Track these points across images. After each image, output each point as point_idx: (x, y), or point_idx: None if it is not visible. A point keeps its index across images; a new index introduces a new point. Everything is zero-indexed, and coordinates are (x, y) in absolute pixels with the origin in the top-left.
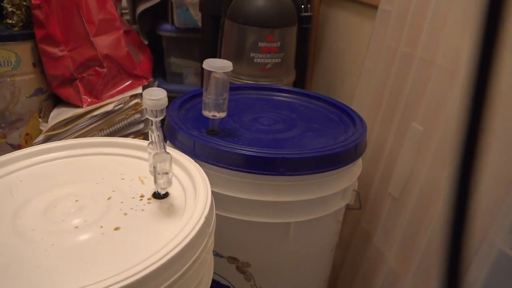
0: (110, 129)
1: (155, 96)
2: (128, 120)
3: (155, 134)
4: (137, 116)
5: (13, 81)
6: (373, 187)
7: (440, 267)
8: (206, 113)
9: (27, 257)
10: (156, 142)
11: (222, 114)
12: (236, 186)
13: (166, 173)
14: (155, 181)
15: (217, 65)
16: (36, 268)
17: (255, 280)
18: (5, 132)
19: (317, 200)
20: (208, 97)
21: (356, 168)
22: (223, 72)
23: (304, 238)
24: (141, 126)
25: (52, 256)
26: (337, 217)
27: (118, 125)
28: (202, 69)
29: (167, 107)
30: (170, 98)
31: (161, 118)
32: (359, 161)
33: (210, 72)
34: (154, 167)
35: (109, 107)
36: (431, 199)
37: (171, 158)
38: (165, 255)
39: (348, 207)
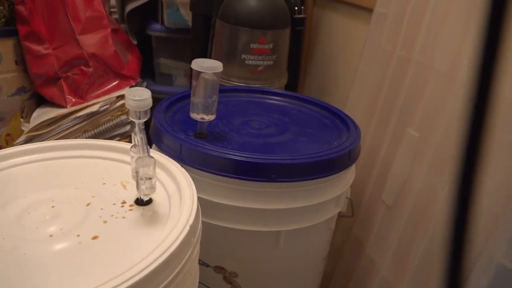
0: (95, 130)
1: (139, 97)
2: (114, 122)
3: (138, 137)
4: (123, 117)
5: None
6: (366, 194)
7: (440, 279)
8: (194, 115)
9: None
10: (139, 146)
11: (211, 117)
12: (224, 192)
13: (150, 178)
14: (138, 187)
15: (206, 66)
16: (5, 280)
17: None
18: None
19: (309, 207)
20: (197, 99)
21: (349, 175)
22: (213, 73)
23: (295, 247)
24: (128, 128)
25: (23, 267)
26: (329, 225)
27: (103, 127)
28: (191, 69)
29: (153, 108)
30: (159, 100)
31: (145, 120)
32: (353, 168)
33: (199, 72)
34: (137, 172)
35: (94, 108)
36: (427, 207)
37: (155, 162)
38: (147, 267)
39: (340, 215)
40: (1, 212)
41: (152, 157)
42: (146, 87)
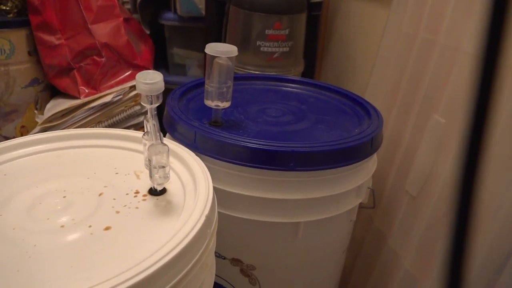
0: (109, 121)
1: (150, 80)
2: (128, 112)
3: (150, 123)
4: (137, 108)
5: (7, 70)
6: (388, 184)
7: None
8: (208, 102)
9: (4, 260)
10: (151, 132)
11: (226, 104)
12: (241, 182)
13: (163, 166)
14: (151, 176)
15: (221, 50)
16: (15, 273)
17: (260, 284)
18: (0, 124)
19: (329, 198)
20: (211, 85)
21: (371, 164)
22: (227, 58)
23: (314, 239)
24: (141, 118)
25: (33, 259)
26: (350, 217)
27: (117, 117)
28: (205, 55)
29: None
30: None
31: (157, 105)
32: (374, 157)
33: (213, 57)
34: (149, 160)
35: (107, 98)
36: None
37: (168, 150)
38: (161, 259)
39: (361, 206)
40: (12, 203)
41: (165, 145)
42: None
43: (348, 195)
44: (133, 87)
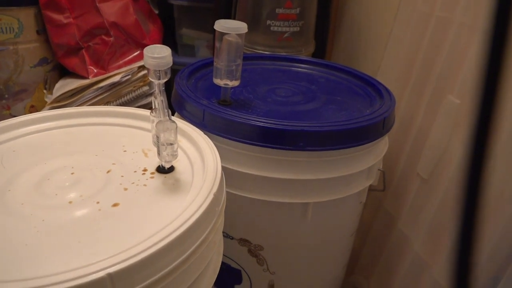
0: (117, 101)
1: (158, 54)
2: (136, 93)
3: (158, 100)
4: (145, 88)
5: (16, 49)
6: (399, 166)
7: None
8: (217, 81)
9: (13, 234)
10: (159, 109)
11: (235, 83)
12: (250, 161)
13: (171, 144)
14: (159, 153)
15: (230, 26)
16: (23, 246)
17: (268, 264)
18: (9, 104)
19: (339, 179)
20: (220, 63)
21: (382, 145)
22: (237, 35)
23: (323, 221)
24: (150, 99)
25: (42, 233)
26: (360, 199)
27: (125, 98)
28: (215, 32)
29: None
30: None
31: (165, 80)
32: (386, 138)
33: (222, 34)
34: (157, 137)
35: (116, 78)
36: None
37: (177, 127)
38: (169, 235)
39: (371, 188)
40: (21, 178)
41: (173, 121)
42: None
43: (359, 177)
44: (141, 67)
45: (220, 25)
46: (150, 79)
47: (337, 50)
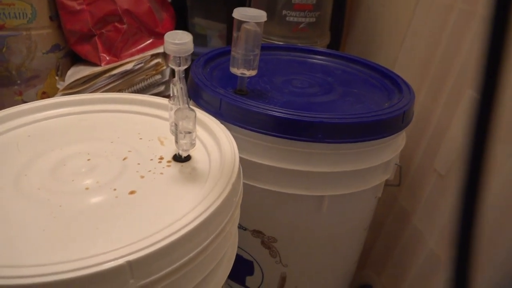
0: (129, 89)
1: (179, 40)
2: (148, 81)
3: (177, 87)
4: (157, 77)
5: (29, 35)
6: (415, 161)
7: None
8: (234, 70)
9: (30, 219)
10: (178, 96)
11: (252, 72)
12: (266, 152)
13: (189, 132)
14: (176, 142)
15: (249, 14)
16: (40, 232)
17: (281, 256)
18: (21, 89)
19: (356, 172)
20: (237, 51)
21: (400, 140)
22: (256, 23)
23: (338, 214)
24: (162, 88)
25: (58, 219)
26: (376, 193)
27: (137, 86)
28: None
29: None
30: (193, 61)
31: (185, 67)
32: (403, 133)
33: (240, 22)
34: (176, 125)
35: (128, 66)
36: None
37: (196, 116)
38: (188, 224)
39: (386, 183)
40: (37, 163)
41: (192, 110)
42: None
43: (376, 171)
44: (154, 56)
45: (239, 13)
46: (170, 65)
47: (350, 42)
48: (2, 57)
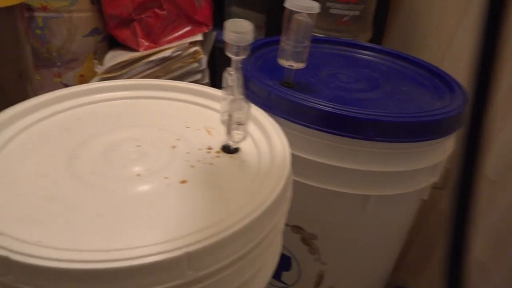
0: (166, 76)
1: (240, 29)
2: (185, 69)
3: (234, 77)
4: (195, 65)
5: (70, 18)
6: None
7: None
8: (282, 61)
9: (85, 203)
10: (234, 86)
11: (300, 65)
12: (313, 147)
13: (242, 124)
14: (229, 132)
15: (301, 5)
16: (95, 217)
17: (320, 254)
18: (61, 71)
19: (406, 173)
20: (287, 42)
21: (451, 141)
22: (308, 14)
23: (382, 215)
24: (198, 76)
25: (113, 204)
26: (422, 195)
27: (174, 73)
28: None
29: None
30: None
31: (243, 57)
32: (453, 135)
33: (292, 12)
34: (230, 115)
35: (167, 53)
36: None
37: (250, 107)
38: (245, 218)
39: (432, 185)
40: (88, 147)
41: (248, 101)
42: (216, 37)
43: (424, 172)
44: (193, 43)
45: (292, 3)
46: (228, 54)
47: (391, 38)
48: (44, 39)
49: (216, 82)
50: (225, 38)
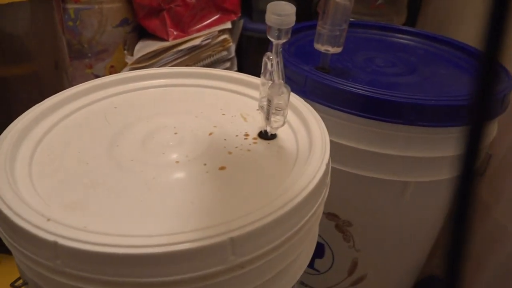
0: (196, 65)
1: (282, 11)
2: (215, 57)
3: (274, 61)
4: (224, 53)
5: (100, 9)
6: (502, 151)
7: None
8: (318, 46)
9: (127, 189)
10: (274, 71)
11: (337, 49)
12: (351, 133)
13: (282, 109)
14: (267, 118)
15: None
16: (138, 203)
17: (354, 241)
18: (92, 63)
19: (446, 159)
20: (324, 26)
21: (493, 126)
22: None
23: (420, 202)
24: (228, 64)
25: (154, 191)
26: None
27: (204, 62)
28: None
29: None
30: (255, 38)
31: (284, 41)
32: (496, 120)
33: None
34: (269, 101)
35: (196, 42)
36: None
37: (290, 93)
38: (287, 204)
39: None
40: (126, 135)
41: (287, 86)
42: (243, 25)
43: None
44: (222, 32)
45: None
46: (269, 37)
47: (425, 19)
48: (75, 30)
49: (243, 69)
50: (267, 21)
